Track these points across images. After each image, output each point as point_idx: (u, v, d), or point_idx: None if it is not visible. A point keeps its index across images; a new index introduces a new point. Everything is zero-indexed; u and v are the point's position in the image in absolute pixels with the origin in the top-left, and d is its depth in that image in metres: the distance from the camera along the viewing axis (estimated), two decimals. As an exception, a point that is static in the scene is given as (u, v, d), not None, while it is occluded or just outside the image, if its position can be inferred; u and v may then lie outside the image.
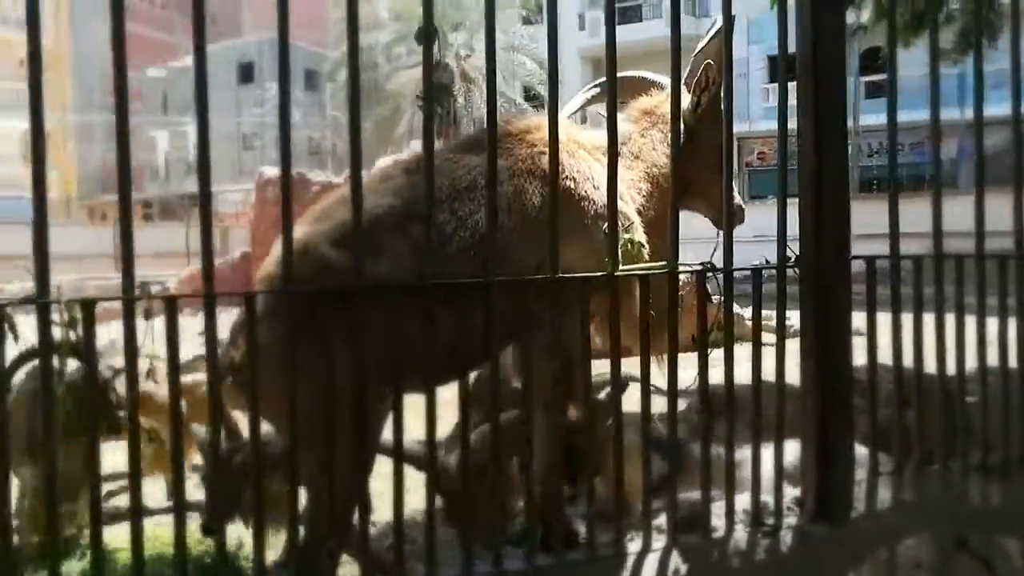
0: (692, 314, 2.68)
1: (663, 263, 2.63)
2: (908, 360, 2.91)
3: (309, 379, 2.26)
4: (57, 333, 2.33)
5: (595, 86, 3.46)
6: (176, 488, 2.24)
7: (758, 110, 24.81)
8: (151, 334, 2.72)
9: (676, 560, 2.55)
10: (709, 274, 2.68)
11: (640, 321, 2.59)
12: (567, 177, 2.72)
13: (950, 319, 2.95)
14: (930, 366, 2.95)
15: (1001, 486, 2.98)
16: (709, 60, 3.05)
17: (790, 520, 2.75)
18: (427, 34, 2.48)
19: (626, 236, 2.69)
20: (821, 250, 2.70)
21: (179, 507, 2.22)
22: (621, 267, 2.57)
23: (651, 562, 2.56)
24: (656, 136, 3.16)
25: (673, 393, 2.62)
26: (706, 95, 3.09)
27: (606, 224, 2.64)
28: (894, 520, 2.76)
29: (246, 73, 32.43)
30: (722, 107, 2.94)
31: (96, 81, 30.51)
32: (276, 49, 2.33)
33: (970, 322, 2.99)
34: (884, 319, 2.84)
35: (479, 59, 25.16)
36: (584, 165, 2.82)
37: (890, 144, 2.87)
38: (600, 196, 2.75)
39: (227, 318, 2.43)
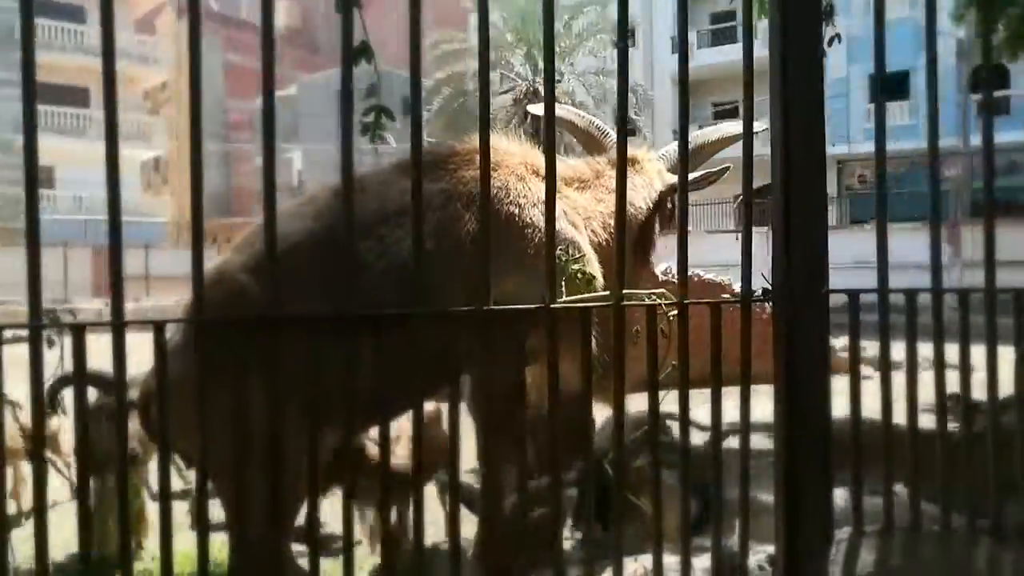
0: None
1: (606, 294, 2.45)
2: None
3: (217, 411, 2.19)
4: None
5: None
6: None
7: (859, 131, 23.69)
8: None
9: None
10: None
11: (585, 356, 2.41)
12: (511, 202, 2.59)
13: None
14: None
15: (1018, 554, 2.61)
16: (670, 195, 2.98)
17: (759, 579, 2.50)
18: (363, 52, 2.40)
19: (575, 267, 2.52)
20: (791, 282, 2.45)
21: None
22: (562, 299, 2.41)
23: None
24: (636, 181, 3.08)
25: (717, 431, 2.46)
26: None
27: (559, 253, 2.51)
28: (875, 588, 2.46)
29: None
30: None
31: (209, 112, 32.18)
32: (383, 78, 2.33)
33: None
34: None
35: (567, 84, 25.19)
36: (534, 191, 2.68)
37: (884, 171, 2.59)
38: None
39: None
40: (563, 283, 2.48)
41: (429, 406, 3.49)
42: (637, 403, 2.62)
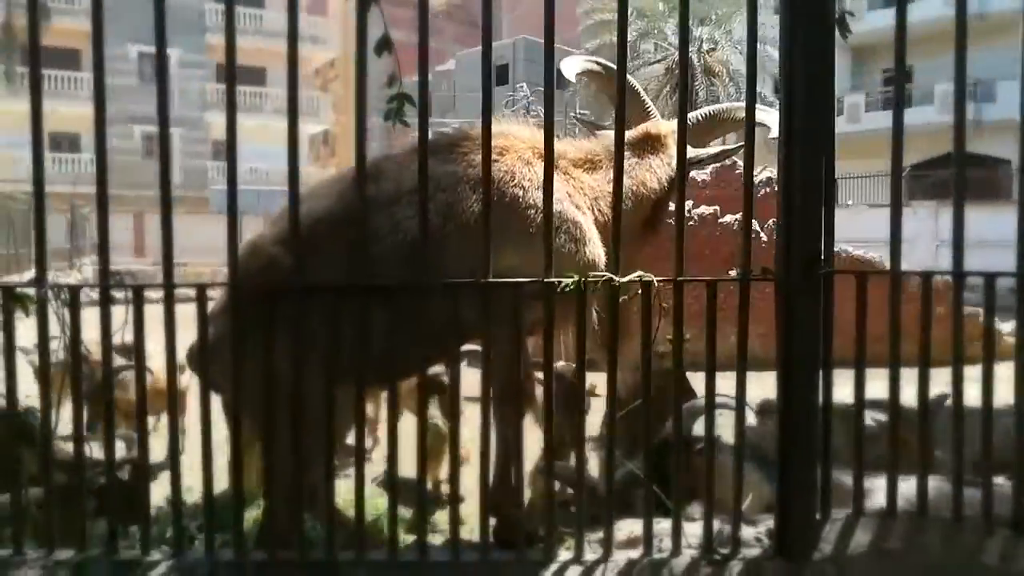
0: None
1: (602, 273, 2.57)
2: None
3: (249, 368, 2.52)
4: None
5: (594, 61, 3.47)
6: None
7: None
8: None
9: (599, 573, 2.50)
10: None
11: (580, 330, 2.56)
12: (516, 185, 2.75)
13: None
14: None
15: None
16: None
17: (751, 551, 2.57)
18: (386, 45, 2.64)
19: (565, 249, 2.67)
20: (789, 264, 2.48)
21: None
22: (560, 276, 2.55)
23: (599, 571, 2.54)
24: (655, 162, 3.13)
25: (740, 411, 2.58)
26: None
27: (559, 231, 2.68)
28: (864, 567, 2.46)
29: (501, 75, 34.24)
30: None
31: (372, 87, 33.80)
32: (528, 50, 2.52)
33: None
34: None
35: (722, 52, 24.40)
36: (538, 175, 2.80)
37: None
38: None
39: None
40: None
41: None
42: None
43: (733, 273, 2.58)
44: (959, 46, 2.53)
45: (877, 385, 2.63)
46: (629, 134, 3.23)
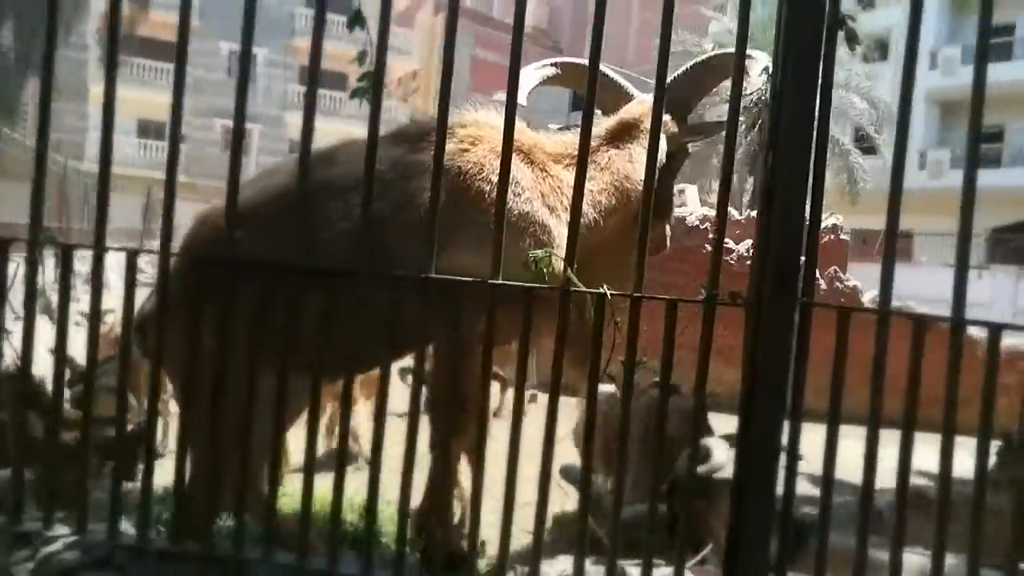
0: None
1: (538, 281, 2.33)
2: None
3: (188, 339, 2.38)
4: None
5: (549, 64, 3.21)
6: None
7: None
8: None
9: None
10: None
11: (523, 342, 2.33)
12: (483, 179, 2.54)
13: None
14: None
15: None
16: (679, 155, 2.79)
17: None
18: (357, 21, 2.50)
19: (536, 251, 2.42)
20: (760, 290, 2.21)
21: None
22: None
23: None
24: (635, 151, 2.86)
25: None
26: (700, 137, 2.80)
27: (525, 234, 2.48)
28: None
29: (576, 102, 34.08)
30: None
31: (453, 102, 34.22)
32: None
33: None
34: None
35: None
36: (511, 170, 2.60)
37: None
38: (520, 205, 2.55)
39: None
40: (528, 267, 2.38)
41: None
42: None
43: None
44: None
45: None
46: (604, 124, 3.01)
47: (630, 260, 2.39)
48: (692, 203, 13.75)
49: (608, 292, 2.28)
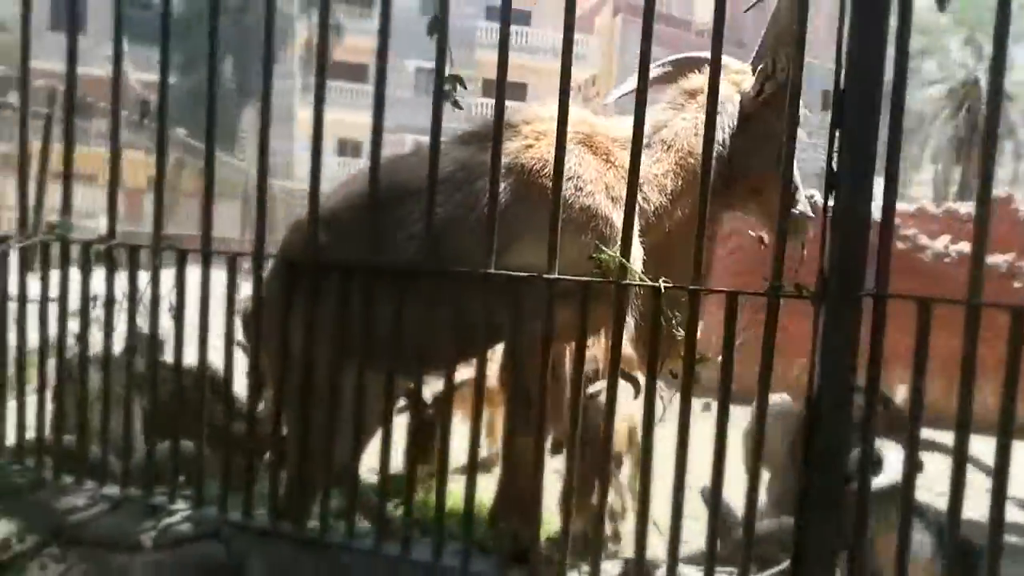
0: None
1: (603, 276, 2.31)
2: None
3: (283, 337, 2.61)
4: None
5: (665, 63, 3.07)
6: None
7: None
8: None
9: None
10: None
11: (581, 333, 2.33)
12: (547, 175, 2.53)
13: None
14: None
15: None
16: (780, 47, 2.53)
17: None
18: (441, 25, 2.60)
19: (600, 246, 2.41)
20: (827, 285, 2.08)
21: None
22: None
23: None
24: (702, 120, 2.71)
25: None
26: (771, 83, 2.58)
27: (587, 228, 2.48)
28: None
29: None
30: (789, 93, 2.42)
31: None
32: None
33: None
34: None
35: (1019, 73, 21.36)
36: (573, 162, 2.58)
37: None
38: (582, 199, 2.53)
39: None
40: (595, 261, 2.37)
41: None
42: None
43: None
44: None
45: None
46: (666, 96, 2.90)
47: (712, 246, 2.33)
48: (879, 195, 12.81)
49: (663, 285, 2.23)
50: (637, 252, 2.51)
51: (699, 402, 2.40)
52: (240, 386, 2.83)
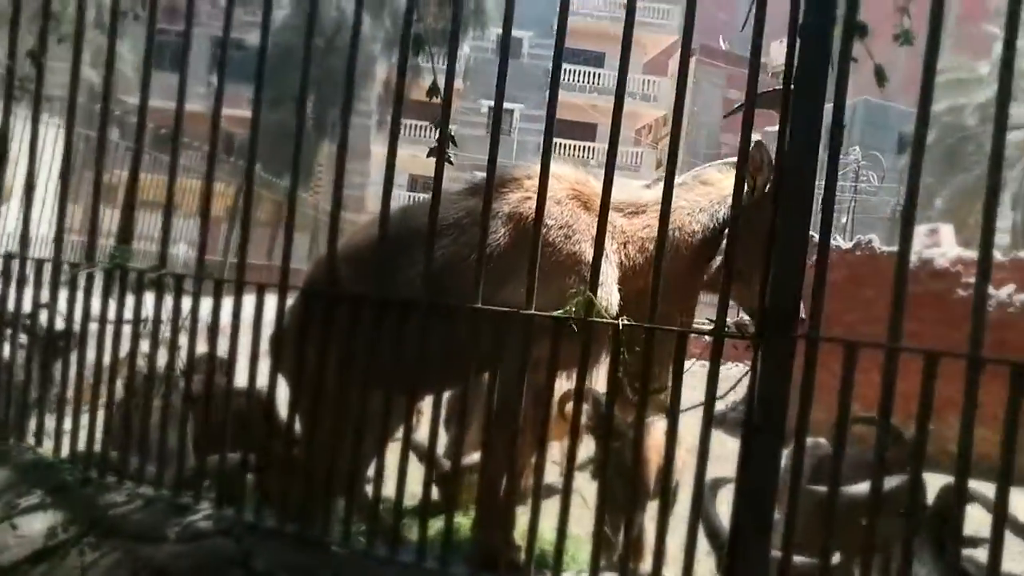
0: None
1: (565, 311, 2.56)
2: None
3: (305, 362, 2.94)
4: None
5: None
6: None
7: None
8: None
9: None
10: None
11: (551, 370, 2.60)
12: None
13: None
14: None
15: None
16: (759, 138, 2.78)
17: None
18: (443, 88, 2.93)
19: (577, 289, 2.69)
20: (763, 324, 2.29)
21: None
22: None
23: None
24: (699, 204, 2.99)
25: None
26: (760, 176, 2.82)
27: (572, 272, 2.74)
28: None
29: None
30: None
31: (705, 143, 34.10)
32: (868, 111, 2.66)
33: None
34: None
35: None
36: (565, 214, 2.90)
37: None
38: (569, 247, 2.82)
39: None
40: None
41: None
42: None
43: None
44: None
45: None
46: (682, 178, 3.15)
47: (687, 304, 2.60)
48: (947, 243, 12.60)
49: (622, 323, 2.48)
50: (615, 297, 2.79)
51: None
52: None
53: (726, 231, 3.00)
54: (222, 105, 3.31)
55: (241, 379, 3.14)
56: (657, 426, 2.97)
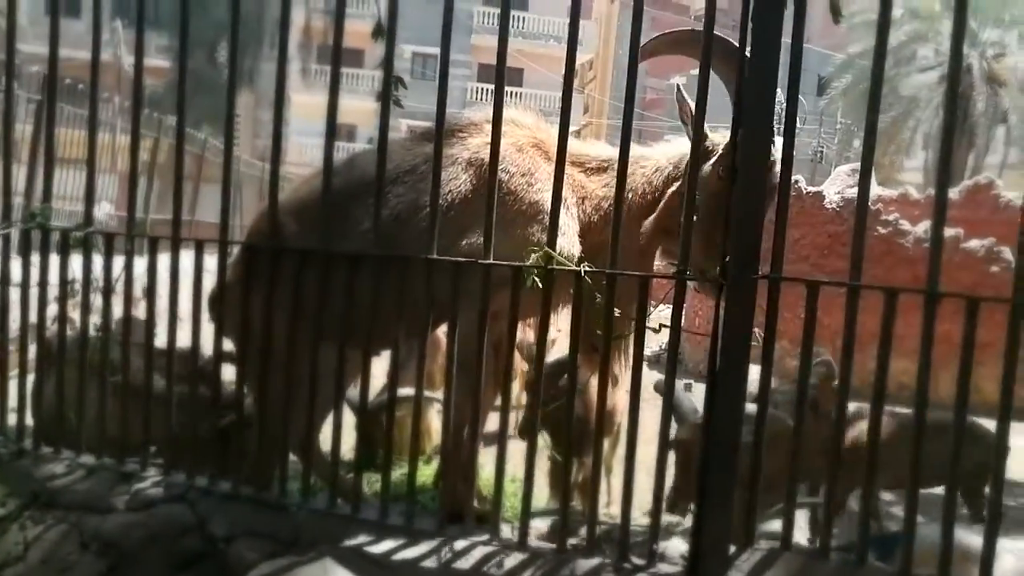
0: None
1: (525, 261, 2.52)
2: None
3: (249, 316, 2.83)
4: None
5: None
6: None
7: None
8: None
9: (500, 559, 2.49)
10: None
11: (512, 318, 2.56)
12: (502, 170, 2.75)
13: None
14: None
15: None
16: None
17: (669, 568, 2.41)
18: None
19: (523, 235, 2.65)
20: (724, 266, 2.29)
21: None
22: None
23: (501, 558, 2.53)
24: (657, 176, 2.94)
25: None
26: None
27: (534, 220, 2.69)
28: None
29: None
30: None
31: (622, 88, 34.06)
32: (787, 55, 2.32)
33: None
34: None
35: (1014, 58, 21.46)
36: (527, 161, 2.83)
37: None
38: (531, 195, 2.76)
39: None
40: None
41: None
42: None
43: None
44: None
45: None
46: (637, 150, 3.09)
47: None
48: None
49: (584, 269, 2.45)
50: (576, 247, 2.74)
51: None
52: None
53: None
54: (143, 55, 3.11)
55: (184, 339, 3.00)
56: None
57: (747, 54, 2.48)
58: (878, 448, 2.28)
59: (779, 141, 2.45)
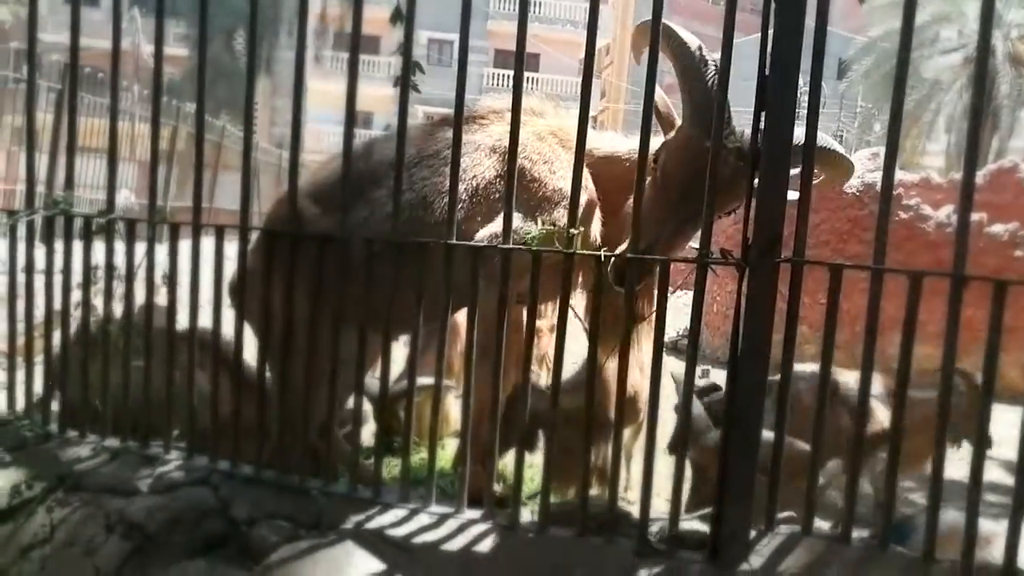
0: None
1: (554, 247, 2.51)
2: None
3: (270, 303, 2.84)
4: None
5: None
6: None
7: None
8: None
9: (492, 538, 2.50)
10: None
11: (532, 299, 2.55)
12: (525, 157, 2.77)
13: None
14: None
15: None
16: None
17: (691, 553, 2.41)
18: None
19: (549, 220, 2.65)
20: (747, 251, 2.27)
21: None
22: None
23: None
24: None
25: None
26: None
27: (558, 206, 2.69)
28: (792, 587, 2.20)
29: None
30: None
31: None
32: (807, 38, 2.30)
33: None
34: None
35: None
36: (547, 150, 2.85)
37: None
38: (553, 181, 2.77)
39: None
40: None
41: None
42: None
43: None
44: None
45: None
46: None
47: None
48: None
49: (603, 254, 2.45)
50: (597, 229, 2.75)
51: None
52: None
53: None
54: (163, 44, 3.12)
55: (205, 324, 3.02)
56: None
57: (701, 46, 2.60)
58: (901, 433, 2.26)
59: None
